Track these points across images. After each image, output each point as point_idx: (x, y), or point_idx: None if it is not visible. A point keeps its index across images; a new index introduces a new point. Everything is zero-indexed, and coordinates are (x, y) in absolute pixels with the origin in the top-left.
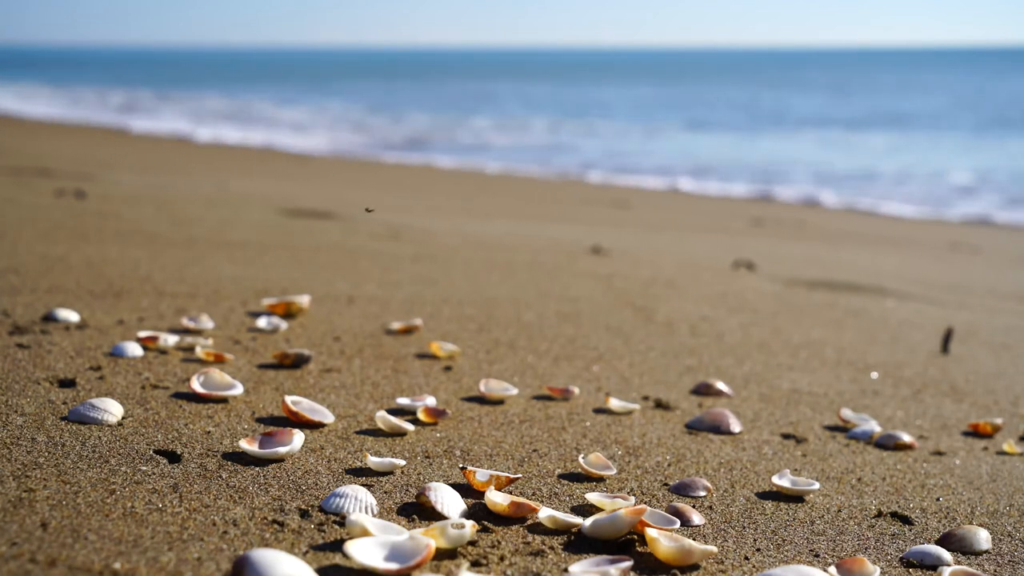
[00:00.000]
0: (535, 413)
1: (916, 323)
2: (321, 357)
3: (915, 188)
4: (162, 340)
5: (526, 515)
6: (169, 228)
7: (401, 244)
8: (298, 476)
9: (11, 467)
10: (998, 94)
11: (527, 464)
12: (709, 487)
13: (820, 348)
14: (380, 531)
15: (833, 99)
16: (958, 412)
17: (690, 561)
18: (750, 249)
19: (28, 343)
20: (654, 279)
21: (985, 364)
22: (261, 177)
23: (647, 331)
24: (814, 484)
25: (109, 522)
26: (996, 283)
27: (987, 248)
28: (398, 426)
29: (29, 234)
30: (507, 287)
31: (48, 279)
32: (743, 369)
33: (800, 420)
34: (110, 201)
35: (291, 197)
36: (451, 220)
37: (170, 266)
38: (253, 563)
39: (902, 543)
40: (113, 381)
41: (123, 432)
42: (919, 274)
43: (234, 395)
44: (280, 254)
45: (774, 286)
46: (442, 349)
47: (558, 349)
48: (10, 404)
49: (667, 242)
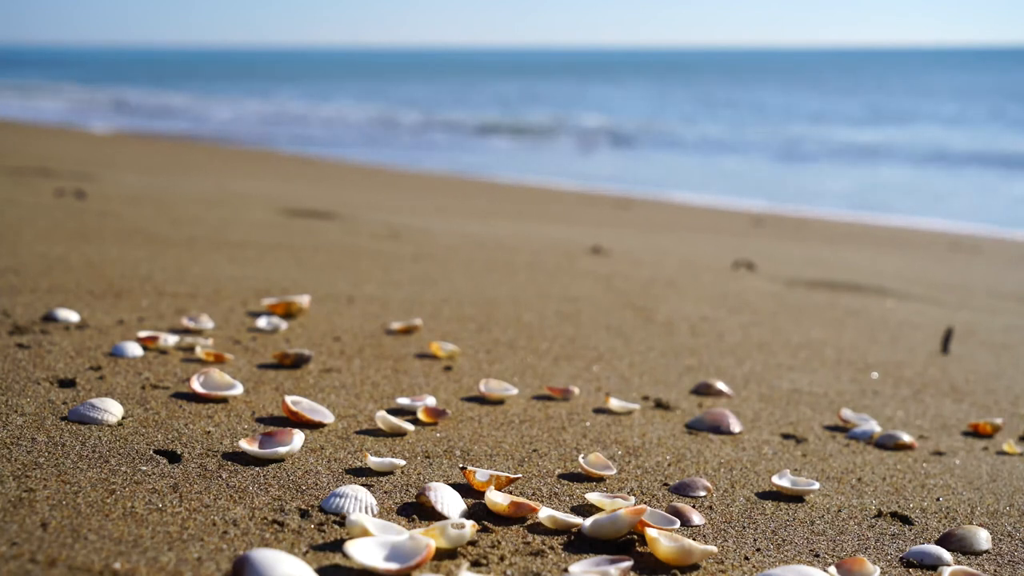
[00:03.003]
0: (535, 413)
1: (916, 323)
2: (321, 357)
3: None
4: (162, 340)
5: (526, 515)
6: (169, 228)
7: (401, 244)
8: (298, 476)
9: (11, 467)
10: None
11: (527, 464)
12: (709, 487)
13: (820, 348)
14: (380, 531)
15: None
16: (958, 412)
17: (690, 561)
18: (750, 249)
19: (28, 343)
20: (654, 279)
21: (985, 364)
22: (261, 177)
23: (647, 331)
24: (814, 484)
25: (109, 522)
26: (996, 283)
27: (987, 248)
28: (398, 426)
29: (29, 234)
30: (507, 287)
31: (48, 279)
32: (743, 369)
33: (800, 420)
34: (110, 201)
35: (291, 197)
36: (451, 220)
37: (170, 266)
38: (253, 563)
39: (902, 543)
40: (113, 381)
41: (123, 432)
42: (919, 274)
43: (234, 395)
44: (280, 254)
45: (774, 286)
46: (442, 349)
47: (558, 349)
48: (10, 404)
49: (667, 242)
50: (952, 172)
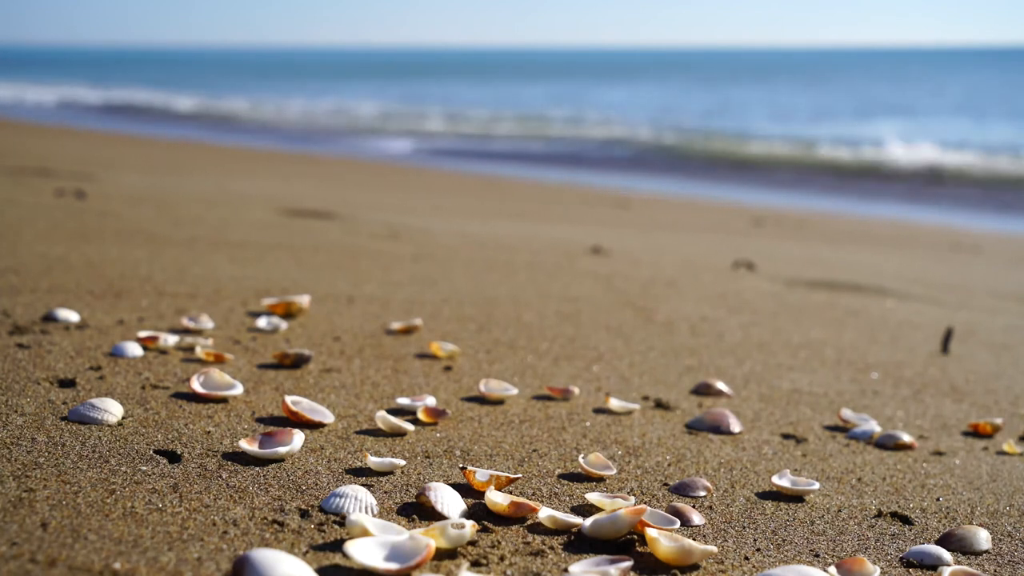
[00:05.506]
0: (535, 413)
1: (916, 323)
2: (321, 357)
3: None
4: (162, 340)
5: (526, 515)
6: (169, 228)
7: (401, 244)
8: (298, 476)
9: (11, 467)
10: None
11: (527, 464)
12: (709, 487)
13: (820, 348)
14: (380, 531)
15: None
16: (958, 412)
17: (690, 561)
18: (750, 249)
19: (28, 343)
20: (654, 279)
21: (985, 364)
22: (261, 177)
23: (647, 331)
24: (814, 484)
25: (109, 522)
26: (996, 283)
27: (987, 248)
28: (398, 426)
29: (29, 234)
30: (507, 287)
31: (48, 279)
32: (743, 369)
33: (800, 420)
34: (110, 201)
35: (291, 197)
36: (451, 220)
37: (170, 266)
38: (253, 563)
39: (902, 543)
40: (113, 381)
41: (123, 432)
42: (919, 274)
43: (234, 395)
44: (280, 254)
45: (774, 286)
46: (442, 349)
47: (558, 349)
48: (10, 404)
49: (667, 242)
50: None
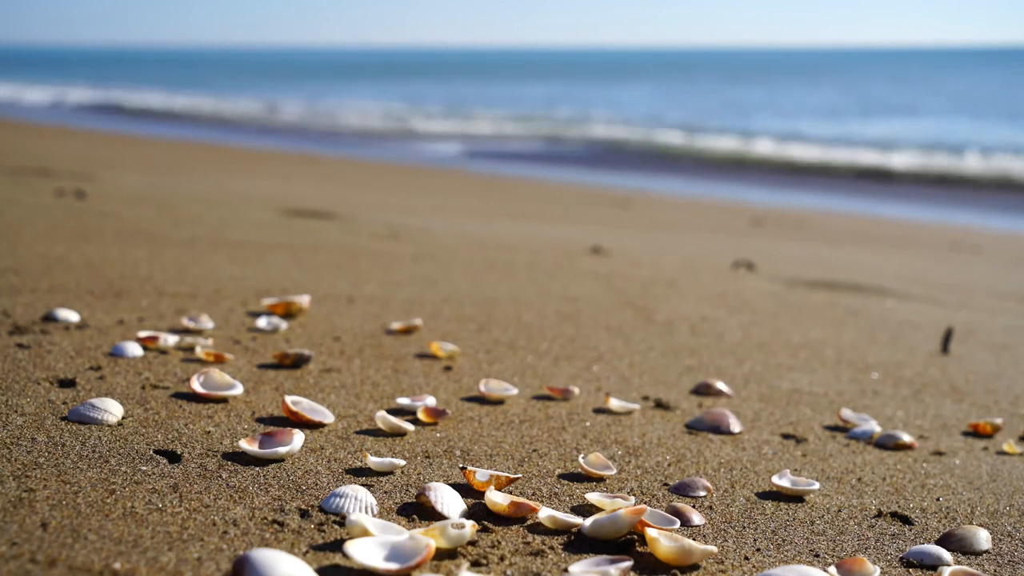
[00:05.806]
0: (535, 413)
1: (916, 323)
2: (321, 357)
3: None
4: (162, 340)
5: (526, 515)
6: (169, 228)
7: (401, 244)
8: (298, 476)
9: (11, 467)
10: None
11: (527, 464)
12: (709, 487)
13: (820, 348)
14: (380, 531)
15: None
16: (958, 412)
17: (690, 561)
18: (750, 249)
19: (28, 343)
20: (654, 279)
21: (985, 364)
22: (261, 177)
23: (647, 331)
24: (814, 484)
25: (109, 522)
26: (996, 283)
27: (987, 248)
28: (398, 426)
29: (29, 234)
30: (507, 287)
31: (48, 279)
32: (743, 369)
33: (800, 420)
34: (110, 201)
35: (291, 197)
36: (451, 220)
37: (170, 266)
38: (253, 563)
39: (902, 543)
40: (113, 381)
41: (123, 432)
42: (919, 274)
43: (234, 395)
44: (280, 254)
45: (774, 286)
46: (442, 349)
47: (558, 349)
48: (10, 404)
49: (667, 242)
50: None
